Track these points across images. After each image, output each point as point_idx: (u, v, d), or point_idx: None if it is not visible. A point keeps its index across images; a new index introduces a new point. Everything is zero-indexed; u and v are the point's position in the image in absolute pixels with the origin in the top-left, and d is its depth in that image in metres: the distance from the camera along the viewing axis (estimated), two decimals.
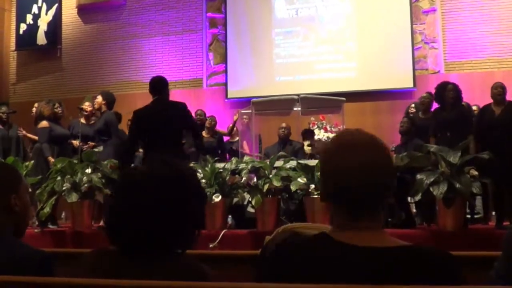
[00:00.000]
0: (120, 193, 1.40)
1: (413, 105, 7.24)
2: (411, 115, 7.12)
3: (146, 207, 1.33)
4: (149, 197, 1.34)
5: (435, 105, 6.73)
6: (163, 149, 4.68)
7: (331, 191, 1.28)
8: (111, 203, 1.43)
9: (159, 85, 5.15)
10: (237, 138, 8.24)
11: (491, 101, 5.89)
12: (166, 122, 5.00)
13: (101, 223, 6.25)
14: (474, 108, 6.59)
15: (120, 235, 1.37)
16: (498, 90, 5.79)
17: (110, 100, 6.78)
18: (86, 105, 7.10)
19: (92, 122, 7.06)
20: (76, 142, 6.83)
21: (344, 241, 1.22)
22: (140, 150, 6.15)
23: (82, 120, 7.04)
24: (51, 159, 6.51)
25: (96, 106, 6.81)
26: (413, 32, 9.27)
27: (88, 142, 6.64)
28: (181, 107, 5.18)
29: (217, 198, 5.59)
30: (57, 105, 7.04)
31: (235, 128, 8.26)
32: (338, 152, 1.27)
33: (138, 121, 5.11)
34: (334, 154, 1.28)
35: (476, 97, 6.63)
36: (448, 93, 6.09)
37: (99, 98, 6.75)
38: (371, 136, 1.31)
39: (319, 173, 5.42)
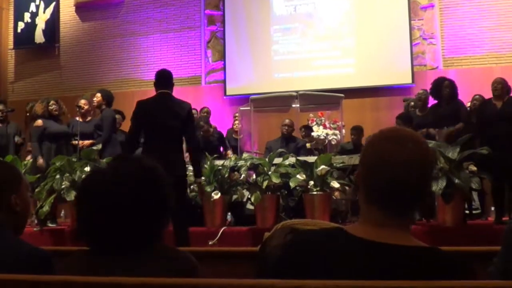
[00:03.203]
0: (85, 194, 1.40)
1: (412, 103, 7.24)
2: (411, 109, 7.12)
3: (113, 205, 1.33)
4: (114, 196, 1.34)
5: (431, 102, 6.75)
6: (159, 146, 4.51)
7: (368, 184, 1.25)
8: (78, 204, 1.42)
9: (163, 79, 4.84)
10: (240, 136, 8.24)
11: (489, 96, 5.91)
12: (165, 119, 4.70)
13: None
14: (477, 97, 6.52)
15: (92, 236, 1.37)
16: (494, 86, 5.80)
17: (109, 98, 6.79)
18: (83, 103, 7.09)
19: (89, 119, 7.04)
20: (75, 142, 6.82)
21: (360, 235, 1.21)
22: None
23: (79, 118, 7.01)
24: (41, 161, 6.50)
25: (95, 104, 6.77)
26: (411, 28, 9.25)
27: (83, 142, 6.63)
28: (184, 107, 4.80)
29: (216, 195, 5.60)
30: (52, 102, 7.00)
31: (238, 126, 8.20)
32: (381, 145, 1.24)
33: (138, 111, 4.81)
34: (376, 146, 1.25)
35: (475, 92, 6.61)
36: (444, 89, 6.12)
37: (99, 96, 6.73)
38: (416, 134, 1.29)
39: (317, 169, 5.44)
